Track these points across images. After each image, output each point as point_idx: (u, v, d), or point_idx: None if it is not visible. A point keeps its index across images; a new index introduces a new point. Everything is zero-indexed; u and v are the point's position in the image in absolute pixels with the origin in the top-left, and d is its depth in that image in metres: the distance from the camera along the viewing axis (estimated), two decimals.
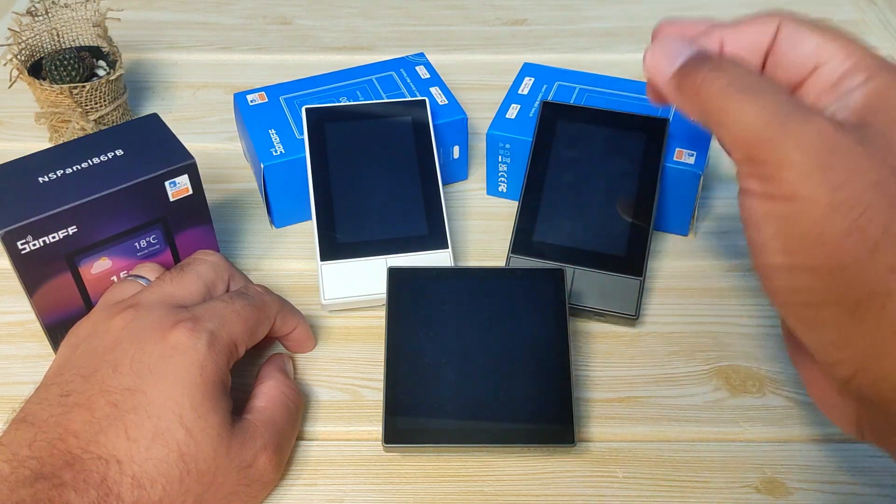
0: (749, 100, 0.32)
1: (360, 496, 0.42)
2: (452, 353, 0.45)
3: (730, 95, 0.33)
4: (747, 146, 0.32)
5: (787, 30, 0.36)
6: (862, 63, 0.34)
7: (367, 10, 0.83)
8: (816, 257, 0.30)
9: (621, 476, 0.43)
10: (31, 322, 0.49)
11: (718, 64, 0.34)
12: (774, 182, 0.31)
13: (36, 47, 0.64)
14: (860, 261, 0.30)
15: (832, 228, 0.30)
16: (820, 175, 0.30)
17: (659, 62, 0.36)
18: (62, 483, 0.34)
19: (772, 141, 0.31)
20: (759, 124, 0.31)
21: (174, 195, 0.46)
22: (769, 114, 0.31)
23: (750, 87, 0.32)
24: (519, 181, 0.58)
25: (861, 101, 0.33)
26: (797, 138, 0.30)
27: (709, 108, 0.33)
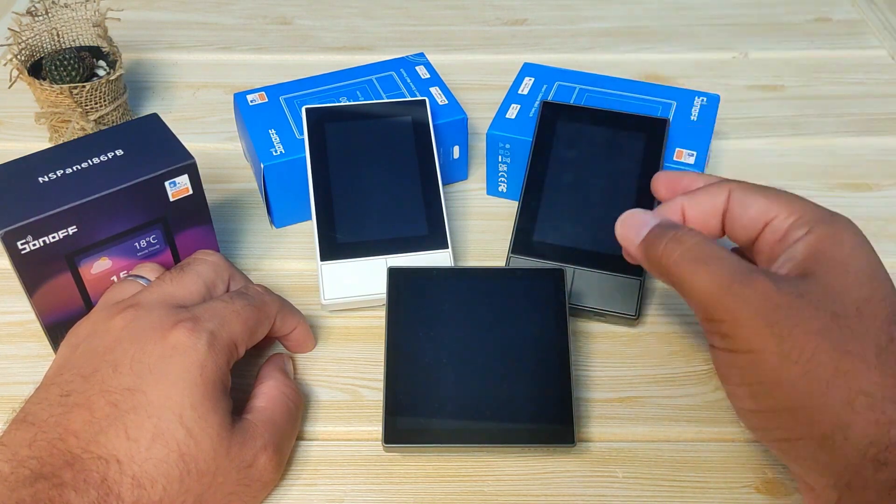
0: (701, 269, 0.37)
1: (360, 496, 0.42)
2: (452, 353, 0.45)
3: (686, 264, 0.37)
4: (705, 308, 0.36)
5: (736, 195, 0.40)
6: (803, 217, 0.38)
7: (367, 10, 0.83)
8: (778, 400, 0.34)
9: (621, 476, 0.43)
10: (31, 322, 0.49)
11: (675, 236, 0.38)
12: (731, 338, 0.35)
13: (36, 47, 0.64)
14: (816, 400, 0.33)
15: (786, 374, 0.34)
16: (767, 330, 0.34)
17: (627, 233, 0.41)
18: (62, 483, 0.34)
19: (722, 303, 0.35)
20: (711, 290, 0.36)
21: (174, 195, 0.46)
22: (718, 280, 0.36)
23: (702, 257, 0.37)
24: (519, 181, 0.58)
25: (803, 253, 0.37)
26: (743, 300, 0.35)
27: (670, 276, 0.38)
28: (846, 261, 0.36)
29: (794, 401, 0.34)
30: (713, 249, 0.37)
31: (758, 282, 0.35)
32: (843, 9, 0.83)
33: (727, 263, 0.36)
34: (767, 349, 0.34)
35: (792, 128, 0.68)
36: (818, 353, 0.33)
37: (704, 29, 0.80)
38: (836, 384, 0.33)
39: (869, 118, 0.69)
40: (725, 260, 0.36)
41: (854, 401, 0.33)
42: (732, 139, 0.66)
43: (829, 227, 0.37)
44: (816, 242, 0.37)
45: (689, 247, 0.38)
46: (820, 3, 0.84)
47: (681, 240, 0.38)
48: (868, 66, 0.75)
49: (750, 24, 0.81)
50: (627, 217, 0.42)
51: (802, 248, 0.37)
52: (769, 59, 0.76)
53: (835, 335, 0.34)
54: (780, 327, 0.34)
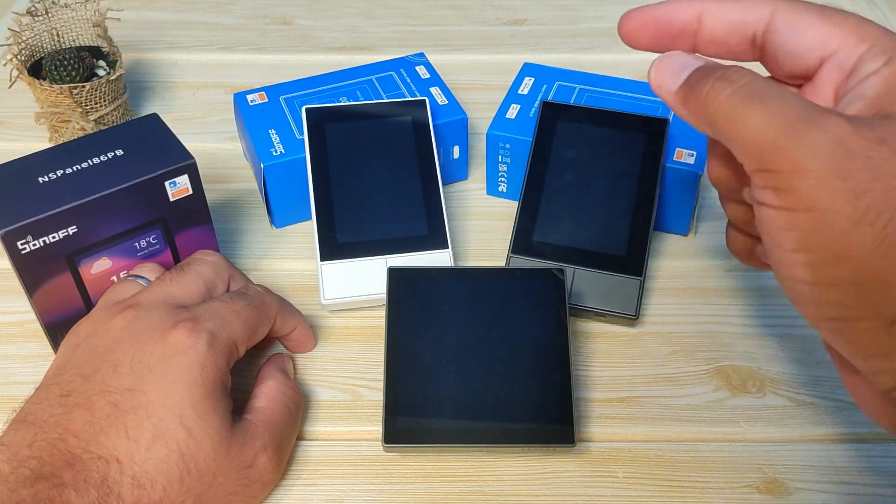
0: (758, 107, 0.30)
1: (360, 496, 0.42)
2: (452, 353, 0.45)
3: (737, 104, 0.31)
4: (759, 156, 0.30)
5: (784, 16, 0.33)
6: (878, 46, 0.31)
7: (367, 10, 0.83)
8: (844, 272, 0.29)
9: (621, 476, 0.43)
10: (31, 322, 0.49)
11: (724, 74, 0.32)
12: (791, 193, 0.29)
13: (36, 47, 0.64)
14: (891, 275, 0.28)
15: (858, 241, 0.28)
16: (839, 183, 0.28)
17: (663, 78, 0.35)
18: (62, 483, 0.34)
19: (784, 149, 0.29)
20: (769, 133, 0.30)
21: (174, 195, 0.46)
22: (779, 121, 0.29)
23: (758, 94, 0.31)
24: (519, 181, 0.58)
25: (880, 88, 0.30)
26: (811, 145, 0.28)
27: (717, 119, 0.32)
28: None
29: (863, 273, 0.28)
30: (773, 87, 0.31)
31: (831, 123, 0.28)
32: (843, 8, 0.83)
33: (791, 101, 0.30)
34: (838, 208, 0.28)
35: None
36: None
37: None
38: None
39: None
40: (789, 98, 0.30)
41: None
42: None
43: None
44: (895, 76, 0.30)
45: (743, 84, 0.31)
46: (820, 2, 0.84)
47: (731, 78, 0.32)
48: None
49: None
50: (664, 58, 0.35)
51: (879, 83, 0.30)
52: None
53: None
54: (855, 181, 0.28)
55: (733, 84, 0.31)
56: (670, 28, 0.35)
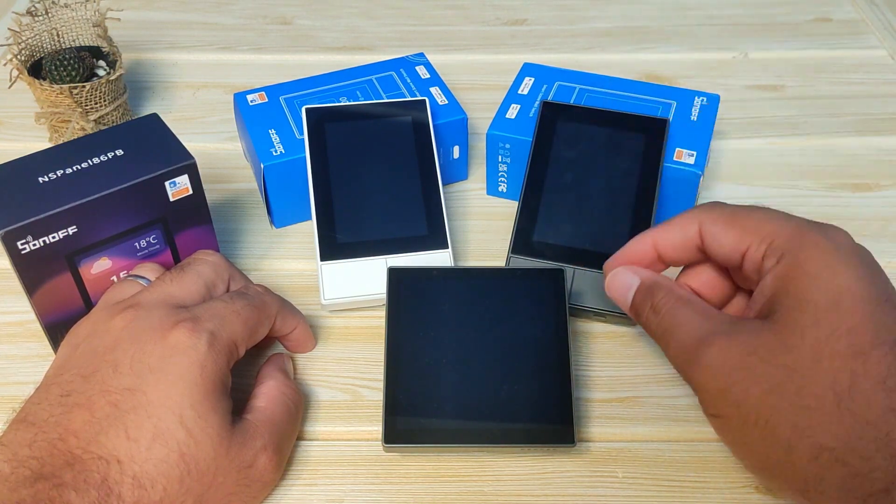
0: (669, 340, 0.38)
1: (360, 496, 0.42)
2: (452, 353, 0.45)
3: (661, 335, 0.39)
4: (680, 375, 0.38)
5: (706, 228, 0.40)
6: (775, 243, 0.37)
7: (367, 10, 0.83)
8: (753, 461, 0.35)
9: (621, 476, 0.43)
10: (31, 322, 0.49)
11: (653, 305, 0.40)
12: (702, 403, 0.37)
13: (36, 47, 0.64)
14: (782, 460, 0.33)
15: (750, 437, 0.34)
16: (723, 396, 0.35)
17: (616, 298, 0.42)
18: (62, 483, 0.34)
19: (686, 374, 0.37)
20: (676, 361, 0.38)
21: (174, 195, 0.46)
22: (681, 349, 0.37)
23: (670, 327, 0.38)
24: (519, 181, 0.58)
25: (771, 288, 0.36)
26: (701, 368, 0.36)
27: (657, 339, 0.40)
28: (808, 293, 0.34)
29: (765, 461, 0.34)
30: (681, 316, 0.38)
31: (714, 347, 0.35)
32: (843, 9, 0.83)
33: (689, 330, 0.37)
34: (729, 414, 0.35)
35: (792, 128, 0.68)
36: (774, 414, 0.33)
37: (704, 29, 0.80)
38: (798, 443, 0.33)
39: (869, 118, 0.69)
40: (689, 326, 0.37)
41: (820, 456, 0.32)
42: (732, 139, 0.66)
43: (797, 252, 0.35)
44: (783, 273, 0.35)
45: (662, 316, 0.39)
46: (820, 3, 0.84)
47: (657, 309, 0.39)
48: (868, 66, 0.75)
49: (750, 24, 0.81)
50: (612, 281, 0.42)
51: (770, 282, 0.36)
52: (769, 59, 0.76)
53: (790, 391, 0.33)
54: (735, 392, 0.34)
55: (657, 315, 0.39)
56: (639, 262, 0.42)
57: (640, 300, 0.41)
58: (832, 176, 0.63)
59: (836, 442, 0.32)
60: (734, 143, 0.66)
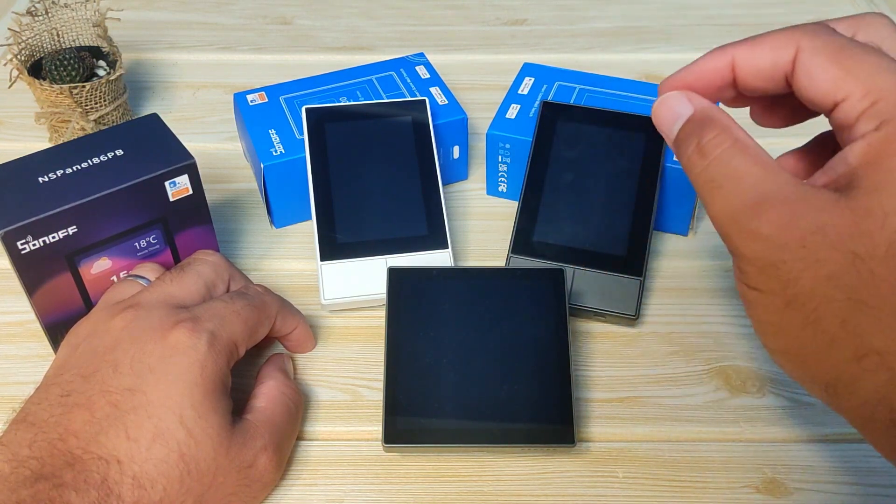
0: (715, 193, 0.33)
1: (360, 496, 0.42)
2: (452, 353, 0.45)
3: (704, 185, 0.33)
4: (721, 236, 0.33)
5: (804, 57, 0.33)
6: (878, 105, 0.31)
7: (367, 10, 0.83)
8: (783, 344, 0.32)
9: (621, 476, 0.43)
10: (31, 322, 0.49)
11: (699, 144, 0.34)
12: (742, 273, 0.32)
13: (36, 47, 0.64)
14: (819, 352, 0.31)
15: (790, 321, 0.31)
16: (772, 271, 0.31)
17: (661, 124, 0.36)
18: (62, 483, 0.34)
19: (730, 238, 0.32)
20: (721, 220, 0.33)
21: (174, 195, 0.46)
22: (728, 209, 0.32)
23: (719, 177, 0.33)
24: (519, 181, 0.58)
25: (859, 157, 0.31)
26: (749, 235, 0.31)
27: (696, 190, 0.34)
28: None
29: (795, 348, 0.31)
30: (735, 165, 0.32)
31: (772, 213, 0.30)
32: (843, 9, 0.83)
33: (743, 187, 0.32)
34: (772, 291, 0.31)
35: (792, 128, 0.68)
36: (825, 303, 0.29)
37: (704, 29, 0.80)
38: (841, 340, 0.30)
39: None
40: (744, 181, 0.32)
41: (864, 358, 0.29)
42: None
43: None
44: (879, 144, 0.30)
45: (710, 161, 0.33)
46: (819, 3, 0.84)
47: (704, 151, 0.33)
48: None
49: (749, 24, 0.81)
50: (660, 107, 0.36)
51: (860, 150, 0.31)
52: None
53: (849, 281, 0.29)
54: (786, 269, 0.30)
55: (704, 159, 0.33)
56: (708, 85, 0.36)
57: (685, 135, 0.34)
58: None
59: (887, 347, 0.29)
60: None
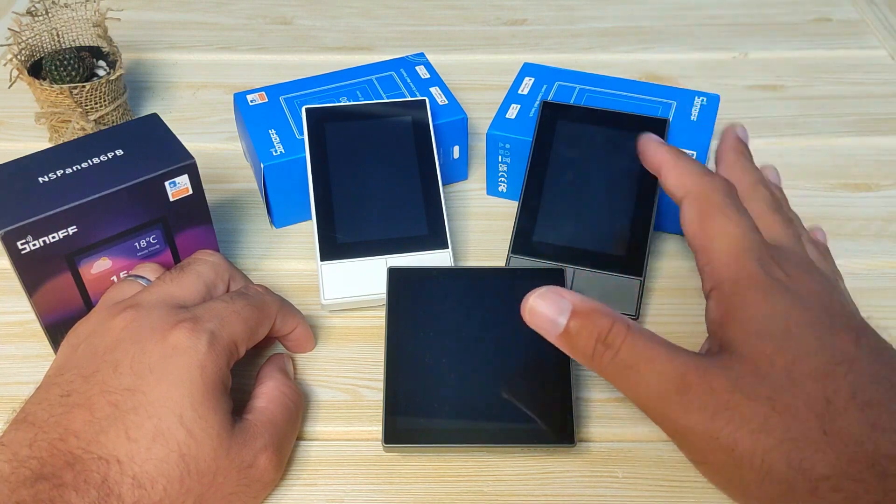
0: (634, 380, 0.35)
1: (360, 496, 0.42)
2: (452, 353, 0.45)
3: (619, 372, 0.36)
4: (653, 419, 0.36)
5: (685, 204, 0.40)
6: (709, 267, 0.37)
7: (367, 10, 0.83)
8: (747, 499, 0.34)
9: (621, 476, 0.43)
10: (31, 322, 0.49)
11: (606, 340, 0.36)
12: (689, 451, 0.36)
13: (36, 47, 0.64)
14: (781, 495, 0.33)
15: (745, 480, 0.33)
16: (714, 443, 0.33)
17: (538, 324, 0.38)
18: (63, 483, 0.34)
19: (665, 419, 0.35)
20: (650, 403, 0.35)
21: (174, 195, 0.46)
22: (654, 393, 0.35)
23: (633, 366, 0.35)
24: (519, 181, 0.58)
25: (712, 319, 0.36)
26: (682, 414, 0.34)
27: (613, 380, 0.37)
28: (757, 325, 0.34)
29: (762, 499, 0.34)
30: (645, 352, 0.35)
31: (694, 387, 0.33)
32: (843, 9, 0.83)
33: (660, 368, 0.34)
34: (720, 460, 0.33)
35: (792, 128, 0.68)
36: (768, 454, 0.32)
37: (704, 29, 0.80)
38: (794, 478, 0.32)
39: (869, 118, 0.69)
40: (657, 362, 0.34)
41: (818, 488, 0.32)
42: None
43: (735, 282, 0.35)
44: (724, 303, 0.35)
45: (619, 352, 0.35)
46: (820, 3, 0.84)
47: (610, 343, 0.35)
48: (868, 66, 0.75)
49: (750, 24, 0.81)
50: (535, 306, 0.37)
51: (713, 309, 0.36)
52: (769, 59, 0.76)
53: (778, 426, 0.32)
54: (724, 437, 0.33)
55: (613, 350, 0.35)
56: None
57: (578, 327, 0.35)
58: (832, 176, 0.63)
59: (830, 470, 0.32)
60: None
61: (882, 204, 0.60)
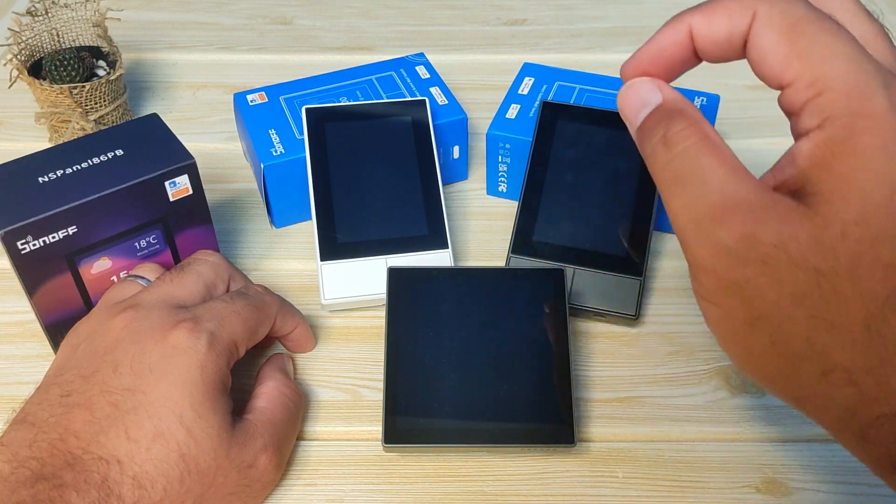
0: (678, 193, 0.30)
1: (360, 496, 0.42)
2: (452, 353, 0.45)
3: (666, 181, 0.31)
4: (679, 240, 0.31)
5: (758, 29, 0.31)
6: (822, 98, 0.29)
7: (367, 10, 0.83)
8: (748, 362, 0.31)
9: (621, 476, 0.43)
10: (31, 322, 0.49)
11: (665, 135, 0.31)
12: (700, 285, 0.30)
13: (36, 47, 0.64)
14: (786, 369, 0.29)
15: (754, 341, 0.29)
16: (734, 288, 0.29)
17: (626, 111, 0.34)
18: (63, 483, 0.34)
19: (689, 244, 0.30)
20: (679, 224, 0.30)
21: (174, 195, 0.46)
22: (690, 214, 0.30)
23: (682, 176, 0.30)
24: (519, 181, 0.58)
25: (808, 157, 0.29)
26: (711, 246, 0.29)
27: (657, 184, 0.32)
28: (856, 180, 0.27)
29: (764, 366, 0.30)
30: (702, 163, 0.30)
31: (735, 222, 0.28)
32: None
33: (708, 188, 0.29)
34: (734, 309, 0.29)
35: None
36: (789, 323, 0.28)
37: None
38: (809, 357, 0.29)
39: None
40: (709, 181, 0.29)
41: (830, 374, 0.28)
42: (732, 139, 0.66)
43: (851, 122, 0.28)
44: (825, 146, 0.29)
45: (675, 155, 0.30)
46: None
47: (670, 143, 0.31)
48: None
49: None
50: (626, 94, 0.34)
51: (807, 151, 0.29)
52: None
53: (813, 301, 0.28)
54: (749, 287, 0.28)
55: (670, 151, 0.31)
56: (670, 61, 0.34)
57: (652, 124, 0.32)
58: None
59: (853, 364, 0.28)
60: (734, 143, 0.65)
61: None
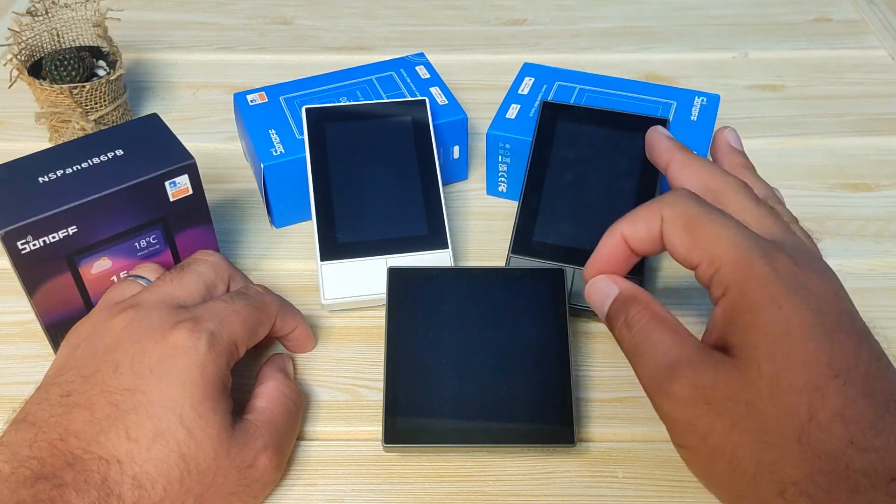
0: (639, 360, 0.37)
1: (360, 496, 0.42)
2: (452, 353, 0.45)
3: (630, 352, 0.38)
4: (649, 399, 0.37)
5: (666, 228, 0.38)
6: (721, 272, 0.36)
7: (367, 10, 0.83)
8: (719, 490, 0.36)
9: (621, 476, 0.43)
10: (31, 322, 0.49)
11: (626, 321, 0.38)
12: (671, 433, 0.36)
13: (36, 47, 0.64)
14: (750, 493, 0.34)
15: (717, 470, 0.34)
16: (690, 428, 0.35)
17: (593, 303, 0.41)
18: (63, 483, 0.34)
19: (653, 400, 0.37)
20: (644, 384, 0.37)
21: (174, 195, 0.46)
22: (649, 375, 0.37)
23: (639, 348, 0.37)
24: (519, 181, 0.58)
25: (721, 320, 0.36)
26: (668, 398, 0.35)
27: (626, 357, 0.39)
28: (756, 327, 0.34)
29: (731, 493, 0.35)
30: (653, 336, 0.37)
31: (681, 377, 0.35)
32: (843, 9, 0.83)
33: (659, 353, 0.36)
34: (696, 446, 0.35)
35: (792, 128, 0.68)
36: (738, 449, 0.33)
37: (704, 29, 0.80)
38: (763, 477, 0.33)
39: (869, 118, 0.69)
40: (659, 348, 0.36)
41: (785, 491, 0.32)
42: None
43: (742, 286, 0.35)
44: (730, 307, 0.35)
45: (634, 333, 0.38)
46: (820, 3, 0.84)
47: (630, 324, 0.38)
48: (868, 66, 0.75)
49: (750, 24, 0.81)
50: (591, 290, 0.41)
51: (720, 314, 0.36)
52: (769, 59, 0.76)
53: (752, 428, 0.33)
54: (701, 425, 0.34)
55: (630, 331, 0.38)
56: (615, 262, 0.41)
57: (614, 312, 0.40)
58: (832, 176, 0.63)
59: (799, 476, 0.32)
60: None
61: (882, 204, 0.60)
